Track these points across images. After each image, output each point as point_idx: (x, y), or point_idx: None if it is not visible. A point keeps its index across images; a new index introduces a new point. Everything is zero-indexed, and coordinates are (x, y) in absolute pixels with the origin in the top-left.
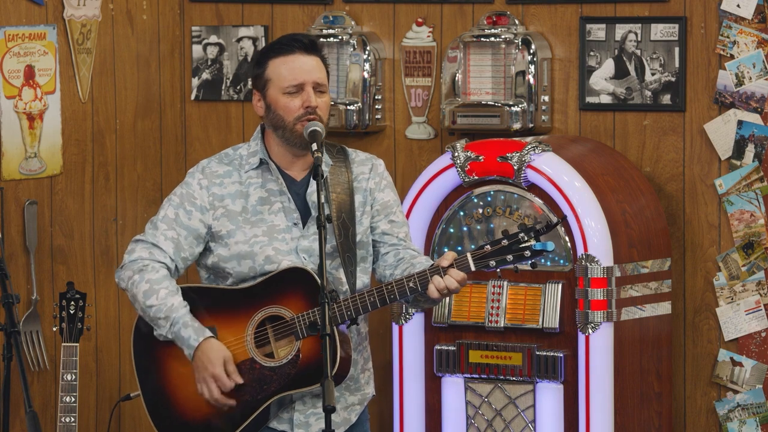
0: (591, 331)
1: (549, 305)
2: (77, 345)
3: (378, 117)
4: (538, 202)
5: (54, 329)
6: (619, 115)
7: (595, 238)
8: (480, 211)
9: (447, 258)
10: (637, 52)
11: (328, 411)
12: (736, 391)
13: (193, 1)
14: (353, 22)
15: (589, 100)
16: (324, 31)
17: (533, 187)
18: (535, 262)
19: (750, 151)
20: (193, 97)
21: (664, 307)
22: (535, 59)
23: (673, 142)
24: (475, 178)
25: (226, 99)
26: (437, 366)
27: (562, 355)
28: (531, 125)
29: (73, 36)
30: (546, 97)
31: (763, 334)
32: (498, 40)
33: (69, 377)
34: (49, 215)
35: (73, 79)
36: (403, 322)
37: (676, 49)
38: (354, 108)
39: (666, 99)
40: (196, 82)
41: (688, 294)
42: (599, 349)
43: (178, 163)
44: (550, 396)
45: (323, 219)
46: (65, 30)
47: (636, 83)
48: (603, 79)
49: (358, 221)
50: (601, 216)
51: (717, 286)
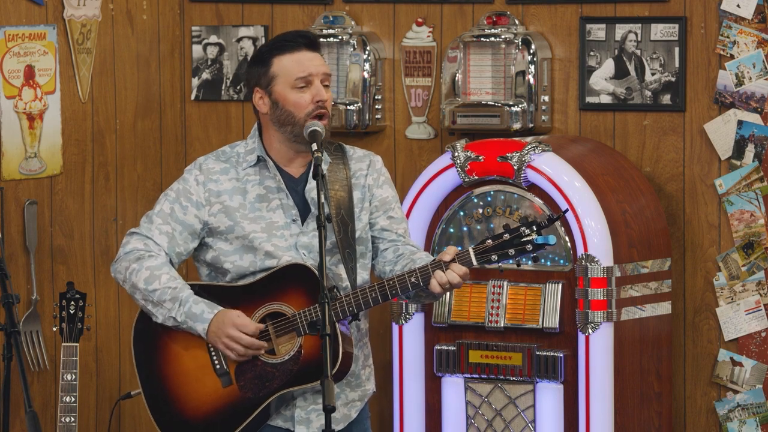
0: (591, 331)
1: (549, 305)
2: (77, 345)
3: (378, 117)
4: (538, 202)
5: (54, 329)
6: (619, 115)
7: (595, 238)
8: (480, 211)
9: (449, 252)
10: (637, 52)
11: (328, 411)
12: (736, 391)
13: (193, 1)
14: (353, 22)
15: (589, 100)
16: (324, 31)
17: (533, 187)
18: (536, 255)
19: (750, 151)
20: (193, 97)
21: (664, 307)
22: (535, 59)
23: (673, 142)
24: (475, 178)
25: (226, 99)
26: (437, 366)
27: (562, 355)
28: (531, 125)
29: (73, 36)
30: (546, 97)
31: (763, 334)
32: (498, 40)
33: (69, 377)
34: (49, 215)
35: (73, 79)
36: (403, 322)
37: (676, 49)
38: (354, 108)
39: (666, 99)
40: (196, 82)
41: (688, 294)
42: (599, 349)
43: (178, 163)
44: (550, 396)
45: (323, 219)
46: (65, 30)
47: (636, 83)
48: (603, 79)
49: (357, 217)
50: (601, 216)
51: (717, 286)
